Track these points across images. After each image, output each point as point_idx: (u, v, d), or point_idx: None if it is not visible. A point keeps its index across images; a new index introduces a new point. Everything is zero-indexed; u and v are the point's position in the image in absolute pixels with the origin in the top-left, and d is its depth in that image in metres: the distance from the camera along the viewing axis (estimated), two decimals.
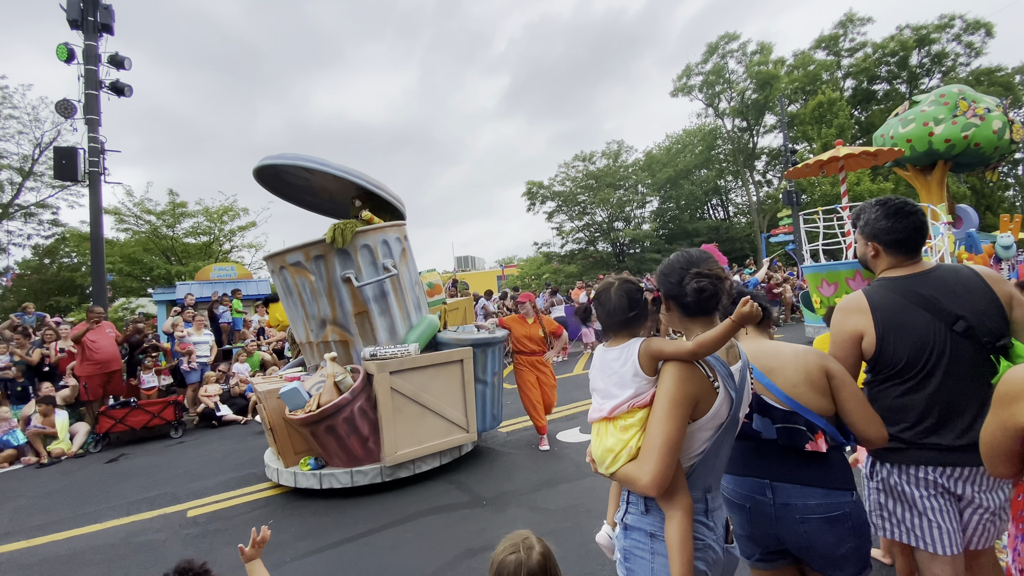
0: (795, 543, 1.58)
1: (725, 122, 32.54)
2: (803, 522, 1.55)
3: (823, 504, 1.54)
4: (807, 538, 1.55)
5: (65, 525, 4.21)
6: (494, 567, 1.31)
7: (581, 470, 4.43)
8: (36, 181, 19.00)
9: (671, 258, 1.46)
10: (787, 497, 1.58)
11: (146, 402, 7.28)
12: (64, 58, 9.67)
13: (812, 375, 1.61)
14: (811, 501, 1.55)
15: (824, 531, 1.53)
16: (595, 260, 31.50)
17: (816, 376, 1.61)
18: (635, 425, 1.31)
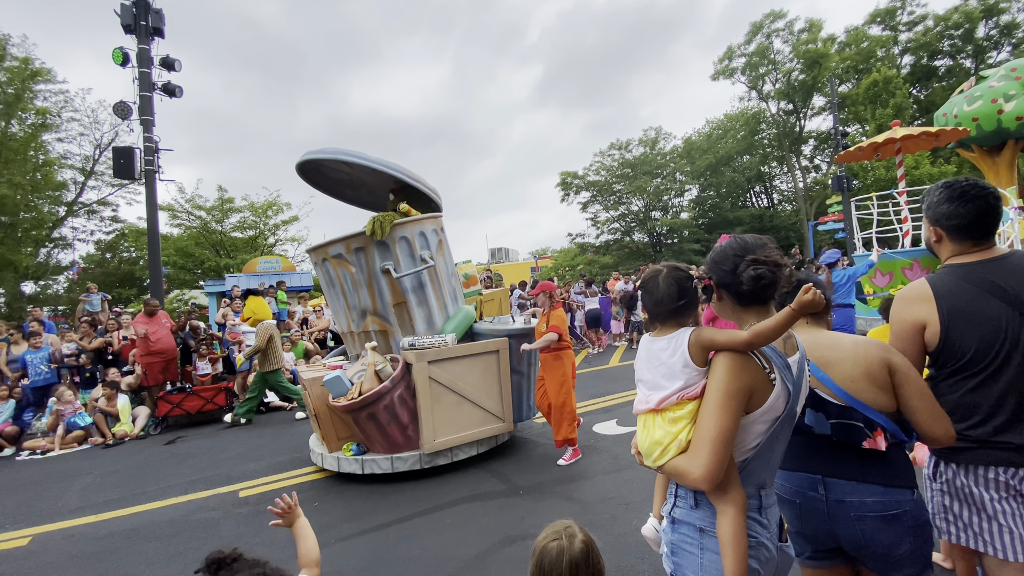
0: (849, 541, 1.52)
1: (770, 105, 31.15)
2: (858, 520, 1.48)
3: (881, 502, 1.47)
4: (862, 537, 1.49)
5: (129, 502, 4.50)
6: (536, 553, 1.31)
7: (618, 462, 4.40)
8: (97, 180, 20.17)
9: (723, 245, 1.40)
10: (841, 494, 1.52)
11: (200, 388, 7.69)
12: (120, 62, 10.19)
13: (872, 369, 1.52)
14: (868, 498, 1.48)
15: (881, 530, 1.46)
16: (631, 251, 30.98)
17: (877, 370, 1.52)
18: (685, 418, 1.28)
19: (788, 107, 30.55)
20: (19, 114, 16.89)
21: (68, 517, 4.25)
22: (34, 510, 4.49)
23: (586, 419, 5.84)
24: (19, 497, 4.89)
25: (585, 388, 7.54)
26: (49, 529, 4.03)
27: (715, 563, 1.23)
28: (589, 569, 1.28)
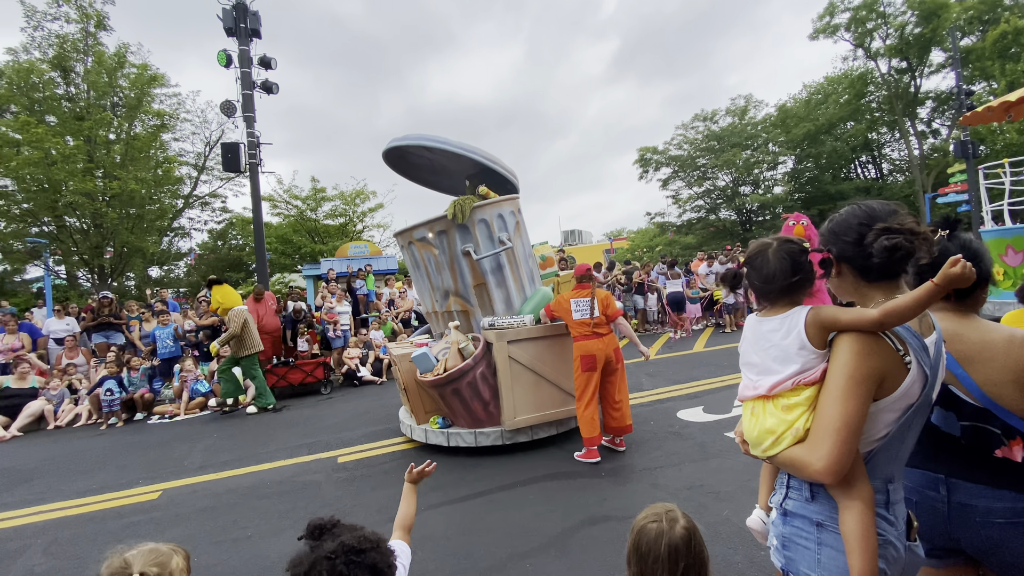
0: (973, 546, 1.36)
1: (879, 64, 27.55)
2: (985, 526, 1.32)
3: (1013, 508, 1.29)
4: (988, 542, 1.32)
5: (244, 463, 5.02)
6: (635, 532, 1.26)
7: (706, 450, 4.22)
8: (208, 175, 22.32)
9: (844, 213, 1.25)
10: (967, 497, 1.35)
11: (302, 362, 8.38)
12: (224, 63, 11.10)
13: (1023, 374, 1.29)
14: (997, 504, 1.30)
15: (1010, 537, 1.29)
16: (716, 230, 29.24)
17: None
18: (801, 404, 1.16)
19: (901, 65, 26.86)
20: (141, 117, 19.02)
21: (192, 474, 4.81)
22: (163, 468, 5.10)
23: (670, 405, 5.66)
24: (151, 456, 5.60)
25: (667, 374, 7.30)
26: (176, 485, 4.57)
27: (834, 560, 1.13)
28: (691, 556, 1.20)
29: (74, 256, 18.43)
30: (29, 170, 15.29)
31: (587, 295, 4.36)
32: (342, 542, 1.16)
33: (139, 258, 19.81)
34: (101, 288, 17.19)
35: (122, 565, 1.17)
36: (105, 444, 6.31)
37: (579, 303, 4.33)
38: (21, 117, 15.82)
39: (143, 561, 1.17)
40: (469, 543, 3.01)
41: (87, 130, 17.06)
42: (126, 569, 1.15)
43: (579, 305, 4.32)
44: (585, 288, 4.41)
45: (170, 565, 1.20)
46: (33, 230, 17.42)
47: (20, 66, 16.79)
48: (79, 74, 17.95)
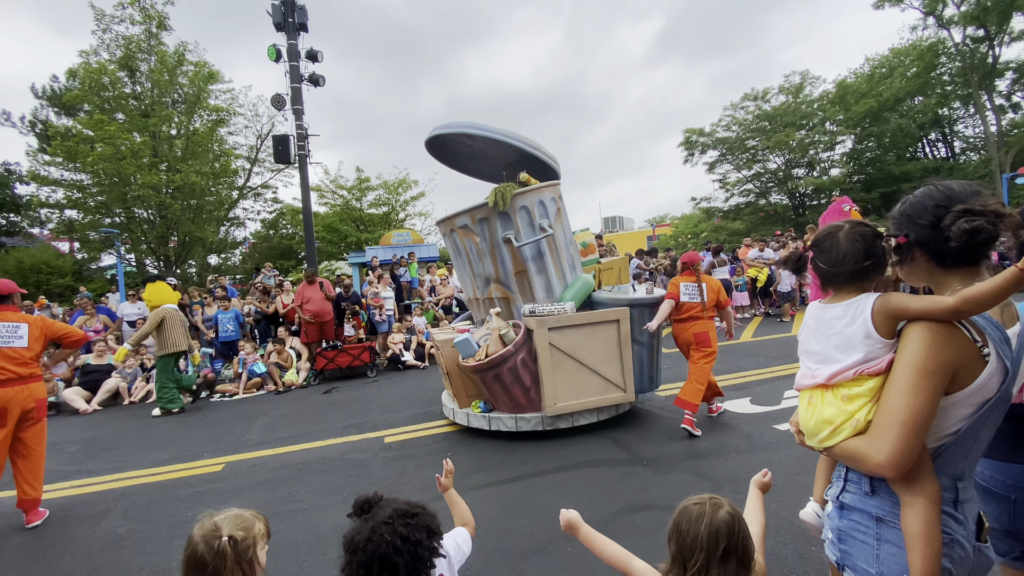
0: None
1: (952, 33, 25.15)
2: None
3: None
4: None
5: (298, 440, 5.29)
6: (677, 511, 1.26)
7: (752, 442, 4.11)
8: (260, 167, 23.31)
9: (920, 195, 1.18)
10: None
11: (349, 346, 8.70)
12: (274, 58, 11.49)
13: None
14: None
15: None
16: (766, 215, 27.99)
17: None
18: (864, 395, 1.12)
19: (977, 33, 24.45)
20: (199, 112, 20.02)
21: (251, 449, 5.11)
22: (225, 443, 5.45)
23: None
24: (214, 431, 5.98)
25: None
26: (237, 459, 4.87)
27: (894, 556, 1.09)
28: (732, 540, 1.17)
29: (142, 245, 19.76)
30: (102, 165, 16.43)
31: (694, 280, 4.73)
32: (395, 508, 1.25)
33: (200, 247, 21.01)
34: (166, 275, 18.35)
35: (212, 528, 1.28)
36: (173, 419, 6.80)
37: (688, 287, 4.73)
38: (95, 115, 16.98)
39: (231, 525, 1.29)
40: (512, 524, 3.08)
41: (152, 126, 18.13)
42: (216, 531, 1.27)
43: (688, 289, 4.72)
44: (691, 275, 4.79)
45: (253, 530, 1.32)
46: (106, 221, 18.76)
47: (91, 67, 17.97)
48: (143, 73, 19.05)
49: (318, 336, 8.96)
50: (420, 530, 1.23)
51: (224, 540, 1.24)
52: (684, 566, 1.18)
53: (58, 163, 18.18)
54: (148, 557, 3.09)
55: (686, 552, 1.18)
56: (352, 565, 1.20)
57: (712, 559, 1.14)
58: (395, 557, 1.17)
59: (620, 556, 1.41)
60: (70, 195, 18.49)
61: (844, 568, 1.20)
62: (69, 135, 17.41)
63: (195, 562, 1.24)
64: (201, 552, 1.23)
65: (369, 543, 1.19)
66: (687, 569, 1.17)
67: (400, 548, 1.18)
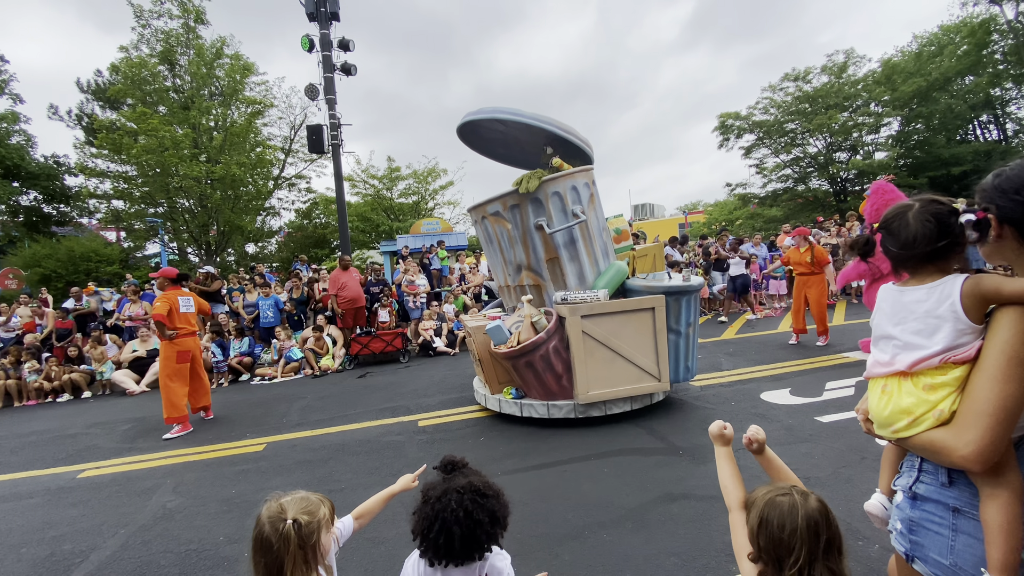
0: None
1: (1004, 10, 23.43)
2: None
3: None
4: None
5: (335, 422, 5.43)
6: (759, 507, 1.14)
7: (793, 434, 4.00)
8: (293, 157, 23.77)
9: (1017, 168, 1.09)
10: None
11: (383, 332, 8.86)
12: (307, 48, 11.63)
13: None
14: None
15: None
16: (805, 201, 26.95)
17: None
18: (949, 385, 1.06)
19: None
20: (237, 104, 20.51)
21: (291, 431, 5.28)
22: (266, 424, 5.65)
23: (752, 387, 5.41)
24: (255, 413, 6.20)
25: (749, 354, 6.96)
26: (278, 439, 5.04)
27: (970, 548, 1.05)
28: (831, 530, 1.08)
29: (184, 234, 20.50)
30: (146, 157, 17.06)
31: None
32: (471, 482, 1.31)
33: (239, 235, 21.66)
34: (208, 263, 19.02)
35: (279, 510, 1.31)
36: (216, 401, 7.06)
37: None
38: (138, 108, 17.62)
39: (296, 508, 1.32)
40: (546, 510, 3.08)
41: (192, 118, 18.69)
42: (282, 514, 1.29)
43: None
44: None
45: (318, 513, 1.34)
46: (150, 211, 19.53)
47: (132, 62, 18.61)
48: (183, 66, 19.61)
49: (353, 322, 9.16)
50: (485, 512, 1.27)
51: (289, 523, 1.26)
52: (779, 564, 1.09)
53: (104, 155, 18.98)
54: (197, 531, 3.23)
55: (782, 549, 1.08)
56: (421, 513, 1.30)
57: (815, 553, 1.06)
58: (454, 526, 1.23)
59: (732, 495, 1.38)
60: (116, 186, 19.32)
61: (914, 559, 1.15)
62: (114, 128, 18.13)
63: (261, 543, 1.27)
64: (267, 534, 1.26)
65: (438, 503, 1.26)
66: (784, 568, 1.07)
67: (460, 520, 1.24)
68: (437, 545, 1.25)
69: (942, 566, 1.10)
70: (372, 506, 1.80)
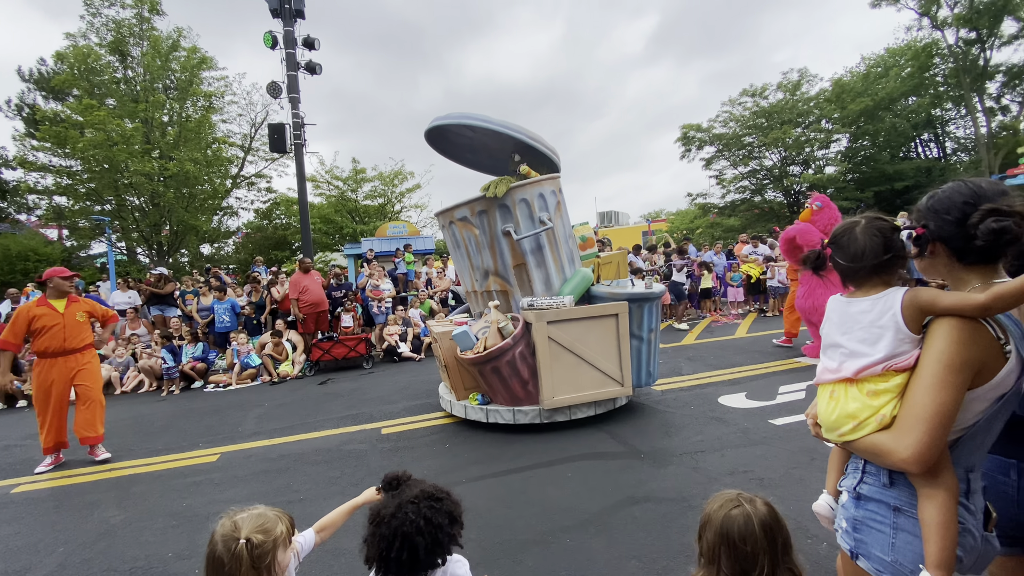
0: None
1: (945, 35, 25.21)
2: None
3: None
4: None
5: (294, 431, 5.27)
6: (715, 525, 1.18)
7: (748, 437, 4.14)
8: (254, 155, 23.02)
9: (947, 191, 1.18)
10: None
11: (345, 337, 8.67)
12: (270, 44, 11.34)
13: None
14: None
15: None
16: (761, 211, 28.10)
17: None
18: (890, 391, 1.12)
19: (970, 36, 24.57)
20: (192, 99, 19.74)
21: (247, 440, 5.09)
22: (220, 433, 5.41)
23: (711, 391, 5.57)
24: (208, 422, 5.94)
25: (708, 359, 7.17)
26: (232, 449, 4.85)
27: (909, 545, 1.11)
28: (781, 529, 1.16)
29: (134, 233, 19.51)
30: (93, 151, 16.17)
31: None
32: (423, 490, 1.29)
33: (193, 236, 20.79)
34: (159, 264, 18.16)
35: (232, 528, 1.25)
36: (166, 409, 6.75)
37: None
38: (84, 100, 16.70)
39: (251, 526, 1.26)
40: (510, 516, 3.08)
41: (143, 112, 17.85)
42: (235, 533, 1.24)
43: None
44: None
45: (275, 532, 1.28)
46: (96, 208, 18.50)
47: (80, 50, 17.64)
48: (135, 58, 18.75)
49: (314, 327, 8.93)
50: (443, 515, 1.26)
51: (241, 543, 1.22)
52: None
53: (47, 148, 17.86)
54: (143, 547, 3.07)
55: (748, 562, 1.13)
56: (375, 537, 1.23)
57: (776, 558, 1.12)
58: (416, 537, 1.20)
59: None
60: (59, 181, 18.19)
61: (858, 556, 1.21)
62: (58, 120, 17.10)
63: (213, 562, 1.22)
64: (219, 553, 1.22)
65: (394, 519, 1.22)
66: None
67: (422, 529, 1.21)
68: (400, 562, 1.21)
69: (884, 563, 1.16)
70: (334, 519, 1.73)
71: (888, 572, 1.15)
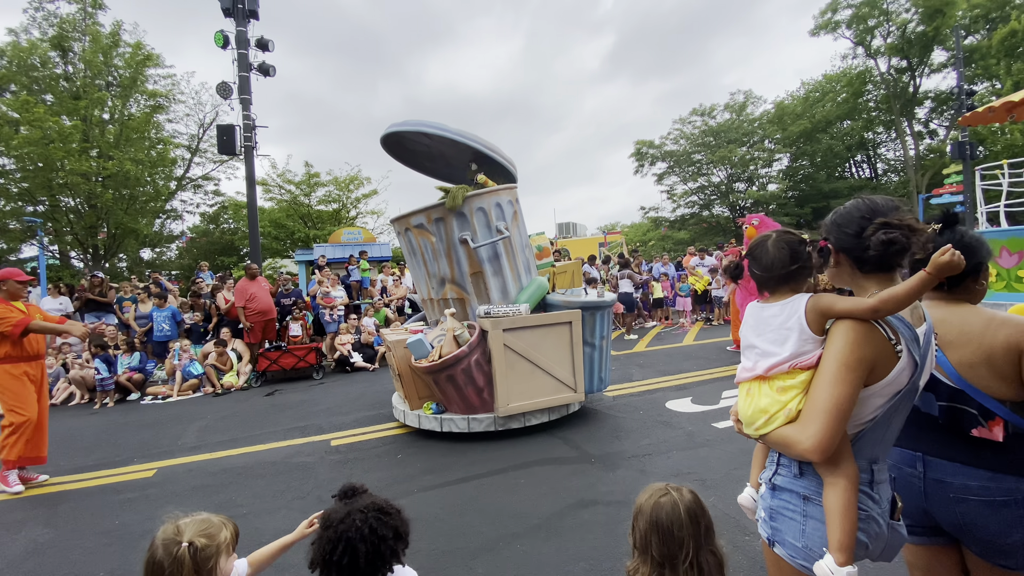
0: (948, 522, 1.44)
1: (878, 63, 27.46)
2: (958, 502, 1.40)
3: (987, 487, 1.36)
4: (963, 519, 1.40)
5: (239, 444, 5.06)
6: (647, 512, 1.29)
7: (693, 440, 4.32)
8: (201, 157, 22.09)
9: (847, 207, 1.31)
10: (941, 474, 1.43)
11: (294, 347, 8.39)
12: (220, 44, 10.96)
13: (996, 355, 1.35)
14: (972, 482, 1.38)
15: (985, 515, 1.37)
16: (709, 226, 29.38)
17: (1001, 356, 1.34)
18: (796, 387, 1.23)
19: (901, 64, 26.82)
20: (136, 97, 18.78)
21: (187, 454, 4.84)
22: (157, 447, 5.13)
23: (659, 396, 5.76)
24: (144, 435, 5.61)
25: (658, 365, 7.41)
26: (171, 463, 4.61)
27: (818, 531, 1.21)
28: (704, 516, 1.28)
29: (68, 236, 18.26)
30: (28, 149, 15.11)
31: None
32: (373, 502, 1.31)
33: (132, 239, 19.66)
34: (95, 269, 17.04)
35: (174, 532, 1.23)
36: (99, 423, 6.34)
37: None
38: (21, 96, 15.62)
39: (194, 530, 1.24)
40: (461, 524, 3.09)
41: (83, 109, 16.83)
42: (177, 536, 1.22)
43: None
44: None
45: (218, 537, 1.26)
46: (28, 209, 17.23)
47: (20, 47, 16.55)
48: (76, 53, 17.70)
49: (261, 336, 8.61)
50: (389, 528, 1.28)
51: (184, 547, 1.19)
52: (673, 561, 1.24)
53: None
54: (73, 566, 2.88)
55: (675, 545, 1.24)
56: (322, 540, 1.26)
57: (699, 540, 1.24)
58: (359, 544, 1.23)
59: None
60: None
61: (774, 544, 1.31)
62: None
63: (153, 567, 1.19)
64: (160, 558, 1.19)
65: (341, 524, 1.25)
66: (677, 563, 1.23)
67: (366, 537, 1.24)
68: (341, 567, 1.24)
69: (796, 548, 1.26)
70: (265, 556, 1.65)
71: (800, 557, 1.24)
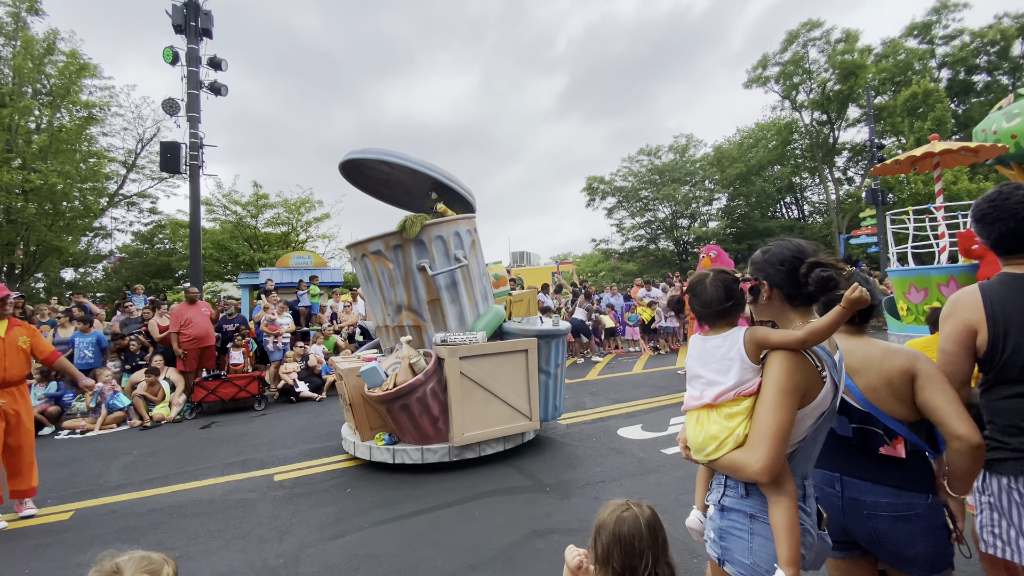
0: (863, 537, 1.60)
1: (803, 115, 30.52)
2: (871, 518, 1.56)
3: (893, 503, 1.54)
4: (875, 533, 1.56)
5: (170, 481, 4.70)
6: (608, 527, 1.34)
7: (643, 466, 4.42)
8: (138, 173, 20.97)
9: (777, 247, 1.46)
10: (856, 492, 1.59)
11: (235, 376, 7.95)
12: (169, 60, 10.63)
13: (894, 380, 1.57)
14: (881, 499, 1.55)
15: (893, 529, 1.53)
16: (656, 258, 30.75)
17: (898, 381, 1.56)
18: (741, 413, 1.33)
19: (822, 118, 29.93)
20: (69, 107, 17.70)
21: (110, 493, 4.45)
22: (75, 486, 4.68)
23: (611, 423, 5.87)
24: (60, 474, 5.09)
25: (608, 394, 7.56)
26: (91, 504, 4.22)
27: (765, 547, 1.30)
28: (662, 531, 1.35)
29: None
30: None
31: None
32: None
33: (55, 258, 18.17)
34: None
35: (112, 569, 1.13)
36: None
37: None
38: None
39: (134, 567, 1.14)
40: (415, 558, 3.00)
41: (7, 118, 15.65)
42: (117, 574, 1.13)
43: None
44: None
45: (161, 574, 1.18)
46: None
47: None
48: (4, 59, 16.56)
49: (198, 364, 8.10)
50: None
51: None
52: (633, 572, 1.30)
53: None
54: None
55: (635, 557, 1.30)
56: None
57: (657, 553, 1.30)
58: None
59: None
60: None
61: (724, 563, 1.39)
62: None
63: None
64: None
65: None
66: (637, 574, 1.30)
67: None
68: None
69: (745, 565, 1.34)
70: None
71: (748, 574, 1.33)
